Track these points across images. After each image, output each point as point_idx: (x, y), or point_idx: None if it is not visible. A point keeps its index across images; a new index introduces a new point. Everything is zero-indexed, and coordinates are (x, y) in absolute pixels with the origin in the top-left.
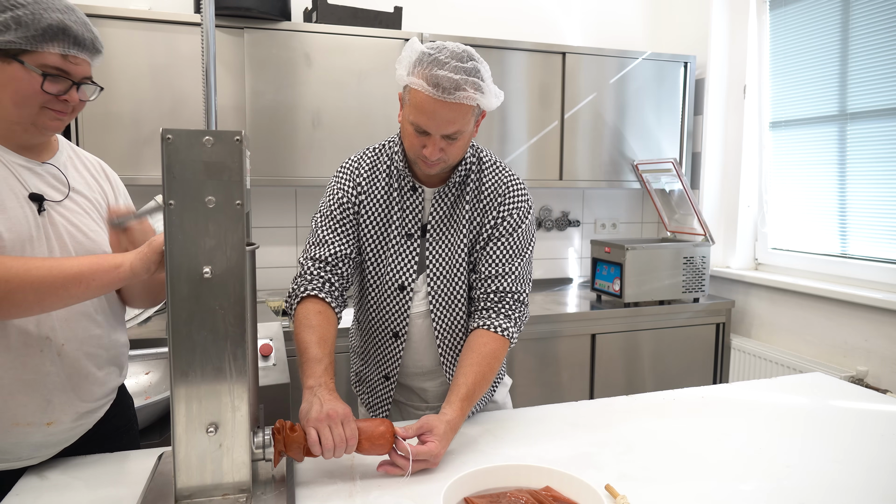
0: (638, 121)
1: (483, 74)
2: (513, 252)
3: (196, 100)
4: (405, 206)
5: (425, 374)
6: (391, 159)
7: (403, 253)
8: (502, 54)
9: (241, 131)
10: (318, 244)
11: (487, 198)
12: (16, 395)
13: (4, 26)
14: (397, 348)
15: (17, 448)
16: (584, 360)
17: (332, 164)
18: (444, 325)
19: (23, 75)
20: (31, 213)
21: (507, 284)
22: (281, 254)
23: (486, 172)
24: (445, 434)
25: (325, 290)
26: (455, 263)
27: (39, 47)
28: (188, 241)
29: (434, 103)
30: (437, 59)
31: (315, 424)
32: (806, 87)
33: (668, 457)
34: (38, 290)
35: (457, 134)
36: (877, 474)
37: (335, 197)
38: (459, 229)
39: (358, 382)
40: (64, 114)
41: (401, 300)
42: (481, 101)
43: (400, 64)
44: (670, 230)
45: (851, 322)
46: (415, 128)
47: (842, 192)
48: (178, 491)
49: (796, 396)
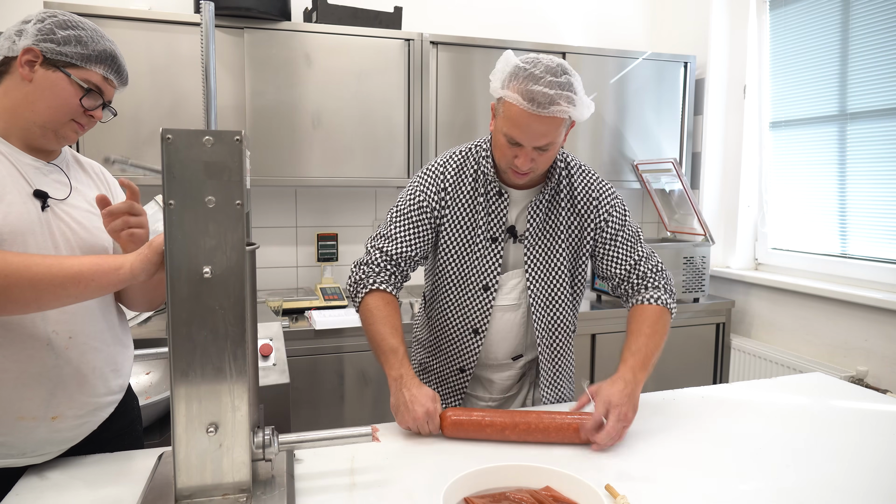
0: (638, 121)
1: (576, 87)
2: (632, 242)
3: (196, 100)
4: (490, 210)
5: (497, 366)
6: (478, 164)
7: (488, 255)
8: (502, 55)
9: (241, 131)
10: (388, 238)
11: (582, 203)
12: (20, 388)
13: (66, 41)
14: (476, 343)
15: (22, 443)
16: (584, 360)
17: (332, 164)
18: (544, 324)
19: (66, 86)
20: (35, 209)
21: (644, 268)
22: (281, 254)
23: (576, 177)
24: (616, 394)
25: (390, 282)
26: (556, 265)
27: (88, 65)
28: (188, 241)
29: (529, 117)
30: (532, 73)
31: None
32: (806, 87)
33: (668, 457)
34: (37, 287)
35: (548, 146)
36: (877, 474)
37: (416, 198)
38: (558, 234)
39: (422, 371)
40: (83, 129)
41: (484, 299)
42: (573, 114)
43: (494, 76)
44: (670, 230)
45: (851, 322)
46: (508, 139)
47: (842, 192)
48: (178, 491)
49: (796, 396)
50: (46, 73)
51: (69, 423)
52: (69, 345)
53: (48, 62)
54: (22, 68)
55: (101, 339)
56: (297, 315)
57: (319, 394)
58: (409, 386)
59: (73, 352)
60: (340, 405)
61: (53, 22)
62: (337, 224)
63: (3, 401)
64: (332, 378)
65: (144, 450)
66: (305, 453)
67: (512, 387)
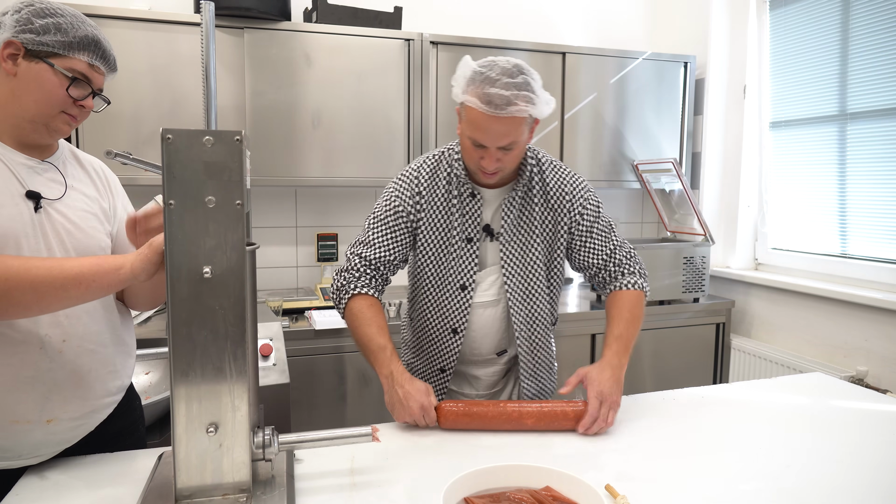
0: (638, 121)
1: (533, 86)
2: (607, 232)
3: (196, 100)
4: (465, 211)
5: (482, 361)
6: (451, 166)
7: (464, 256)
8: (502, 54)
9: (241, 131)
10: (367, 244)
11: (555, 197)
12: (14, 392)
13: (45, 30)
14: (455, 343)
15: (18, 446)
16: (584, 360)
17: (332, 164)
18: (522, 319)
19: (50, 77)
20: (28, 211)
21: (619, 256)
22: (281, 254)
23: (547, 173)
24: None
25: (371, 286)
26: (531, 261)
27: (71, 53)
28: (188, 241)
29: (488, 119)
30: (488, 76)
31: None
32: (806, 87)
33: (668, 457)
34: (38, 289)
35: (511, 145)
36: (877, 474)
37: (391, 204)
38: (532, 229)
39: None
40: (76, 120)
41: (461, 299)
42: (533, 112)
43: (455, 82)
44: (670, 230)
45: (851, 322)
46: (472, 142)
47: (842, 192)
48: (178, 491)
49: (796, 396)
50: (30, 65)
51: (65, 426)
52: (63, 348)
53: (30, 54)
54: (4, 63)
55: (98, 340)
56: (297, 315)
57: (319, 394)
58: (400, 382)
59: (67, 355)
60: (340, 405)
61: (31, 11)
62: (337, 224)
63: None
64: (332, 378)
65: (144, 450)
66: (305, 453)
67: (497, 382)
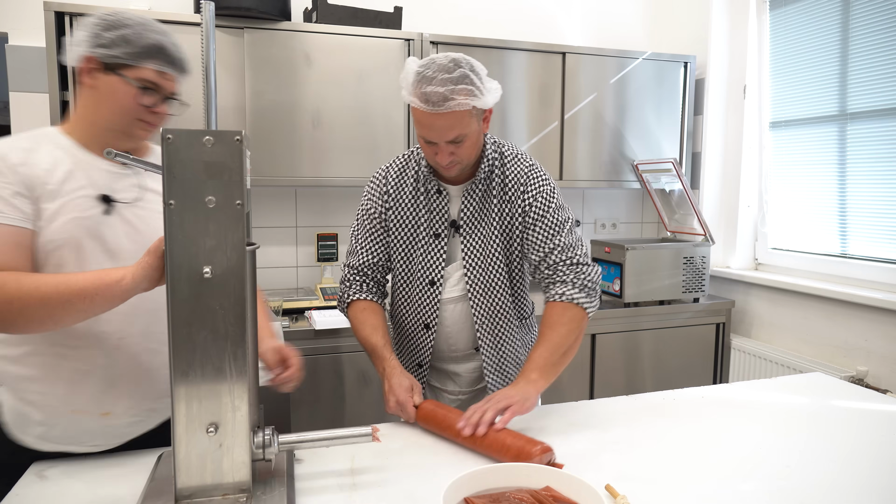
0: (638, 121)
1: (473, 78)
2: (553, 230)
3: (196, 100)
4: (432, 207)
5: (460, 357)
6: (418, 164)
7: (432, 251)
8: (502, 54)
9: (241, 131)
10: (353, 254)
11: (512, 189)
12: (72, 384)
13: (113, 42)
14: (428, 338)
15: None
16: (583, 360)
17: (332, 164)
18: (483, 312)
19: (121, 87)
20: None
21: (555, 259)
22: (281, 254)
23: (508, 165)
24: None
25: (364, 290)
26: (490, 254)
27: (139, 63)
28: (188, 241)
29: (430, 117)
30: (425, 75)
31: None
32: (806, 87)
33: (668, 457)
34: (47, 305)
35: (460, 137)
36: (877, 474)
37: (364, 208)
38: (490, 222)
39: None
40: (153, 125)
41: (431, 294)
42: (476, 103)
43: (402, 83)
44: (670, 230)
45: (851, 322)
46: (423, 139)
47: (842, 192)
48: (178, 491)
49: (796, 396)
50: (107, 77)
51: (121, 420)
52: (120, 345)
53: (106, 67)
54: (87, 76)
55: (162, 340)
56: (297, 315)
57: (319, 394)
58: (388, 376)
59: (124, 352)
60: (340, 405)
61: (100, 25)
62: (337, 224)
63: (59, 394)
64: (332, 378)
65: (144, 450)
66: (305, 453)
67: (479, 379)
